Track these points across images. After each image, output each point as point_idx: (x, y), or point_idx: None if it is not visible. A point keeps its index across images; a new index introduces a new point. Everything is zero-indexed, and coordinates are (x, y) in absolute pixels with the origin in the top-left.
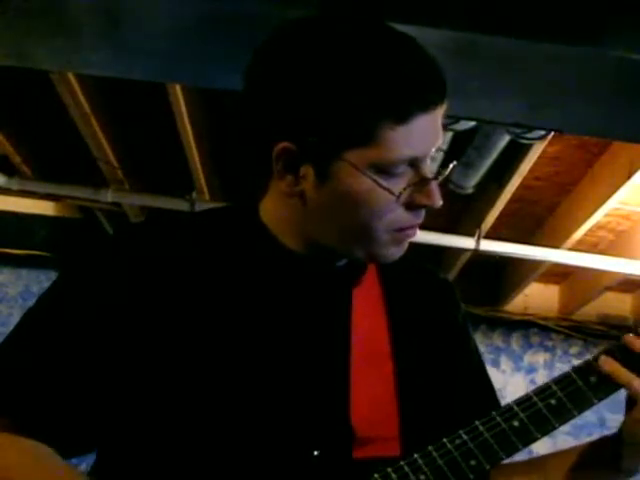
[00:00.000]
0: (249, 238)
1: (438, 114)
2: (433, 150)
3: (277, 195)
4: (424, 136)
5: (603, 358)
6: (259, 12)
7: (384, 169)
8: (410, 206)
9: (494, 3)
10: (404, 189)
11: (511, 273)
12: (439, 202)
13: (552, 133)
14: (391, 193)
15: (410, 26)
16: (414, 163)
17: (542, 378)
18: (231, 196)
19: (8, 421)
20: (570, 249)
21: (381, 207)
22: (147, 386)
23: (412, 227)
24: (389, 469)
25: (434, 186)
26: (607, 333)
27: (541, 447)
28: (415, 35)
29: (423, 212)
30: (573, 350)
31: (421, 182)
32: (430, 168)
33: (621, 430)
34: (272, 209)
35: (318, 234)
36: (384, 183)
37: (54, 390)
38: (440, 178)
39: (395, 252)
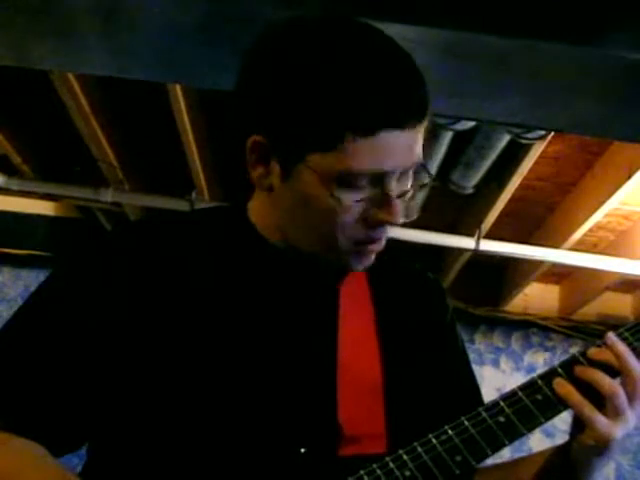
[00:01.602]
0: (238, 237)
1: (414, 132)
2: (409, 166)
3: (261, 194)
4: (391, 152)
5: (557, 380)
6: (259, 13)
7: (344, 179)
8: (367, 221)
9: (495, 3)
10: (356, 202)
11: (511, 273)
12: (398, 220)
13: (552, 133)
14: (340, 204)
15: (409, 26)
16: (379, 178)
17: None
18: (231, 196)
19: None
20: (570, 249)
21: (333, 216)
22: (135, 383)
23: (372, 242)
24: (374, 465)
25: (396, 203)
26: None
27: (540, 446)
28: (414, 35)
29: (384, 229)
30: (573, 350)
31: (383, 198)
32: (397, 185)
33: (569, 447)
34: (258, 207)
35: (289, 233)
36: (337, 193)
37: (46, 388)
38: (406, 197)
39: (356, 263)
